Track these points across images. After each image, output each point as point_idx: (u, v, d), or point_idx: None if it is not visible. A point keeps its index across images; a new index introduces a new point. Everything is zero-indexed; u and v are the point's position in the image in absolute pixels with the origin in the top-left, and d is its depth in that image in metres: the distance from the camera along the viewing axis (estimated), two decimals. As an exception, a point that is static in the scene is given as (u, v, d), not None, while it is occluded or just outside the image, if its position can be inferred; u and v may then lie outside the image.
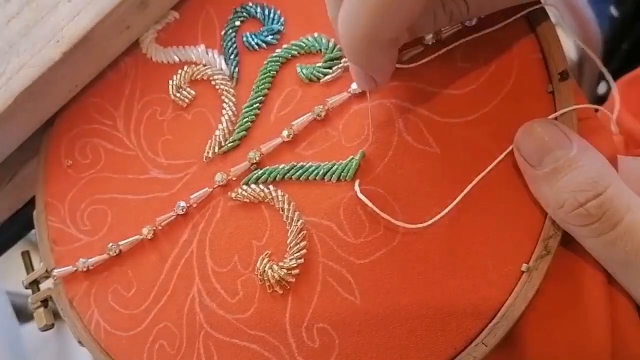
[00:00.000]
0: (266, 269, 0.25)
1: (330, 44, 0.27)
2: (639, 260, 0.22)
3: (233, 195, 0.27)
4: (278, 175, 0.26)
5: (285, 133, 0.26)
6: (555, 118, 0.24)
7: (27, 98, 0.28)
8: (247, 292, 0.26)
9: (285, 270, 0.25)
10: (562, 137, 0.22)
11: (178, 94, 0.29)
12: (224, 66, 0.29)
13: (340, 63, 0.27)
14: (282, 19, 0.28)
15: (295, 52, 0.28)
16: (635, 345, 0.23)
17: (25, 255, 0.33)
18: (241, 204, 0.27)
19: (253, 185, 0.27)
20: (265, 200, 0.26)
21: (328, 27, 0.27)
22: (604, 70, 0.25)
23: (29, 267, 0.32)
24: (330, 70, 0.27)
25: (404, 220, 0.24)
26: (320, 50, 0.27)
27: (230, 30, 0.29)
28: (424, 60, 0.25)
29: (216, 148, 0.28)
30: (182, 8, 0.30)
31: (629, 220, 0.21)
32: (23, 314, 0.57)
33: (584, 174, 0.22)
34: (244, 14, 0.29)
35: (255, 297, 0.26)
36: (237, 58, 0.28)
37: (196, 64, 0.29)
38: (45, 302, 0.31)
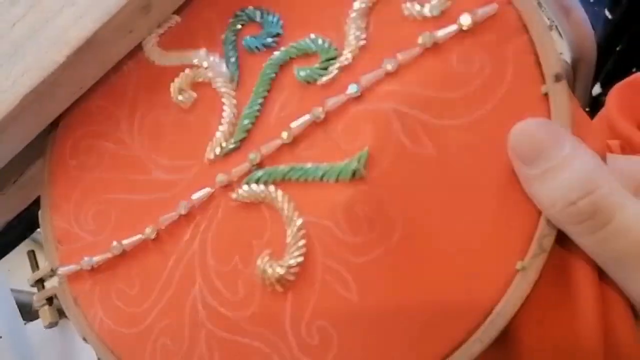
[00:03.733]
0: (266, 267, 0.26)
1: (326, 45, 0.27)
2: (631, 257, 0.22)
3: (234, 195, 0.27)
4: (278, 176, 0.27)
5: (284, 135, 0.27)
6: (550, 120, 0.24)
7: (32, 100, 0.29)
8: (248, 291, 0.26)
9: (285, 269, 0.25)
10: (556, 136, 0.23)
11: (180, 97, 0.30)
12: (224, 69, 0.29)
13: (337, 64, 0.27)
14: (280, 22, 0.29)
15: (293, 54, 0.28)
16: (627, 342, 0.24)
17: (31, 254, 0.34)
18: (242, 204, 0.27)
19: (253, 186, 0.27)
20: (266, 201, 0.27)
21: (326, 28, 0.28)
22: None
23: (34, 265, 0.33)
24: (327, 71, 0.27)
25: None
26: (317, 51, 0.27)
27: (231, 34, 0.29)
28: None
29: (217, 149, 0.28)
30: (183, 12, 0.30)
31: (622, 217, 0.22)
32: (28, 312, 0.58)
33: (576, 172, 0.22)
34: (244, 17, 0.29)
35: (256, 295, 0.26)
36: (237, 61, 0.29)
37: (197, 67, 0.29)
38: (50, 300, 0.32)
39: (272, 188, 0.27)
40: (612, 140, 0.33)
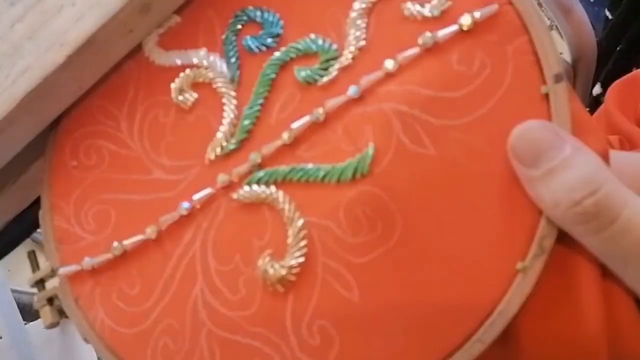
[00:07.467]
0: (267, 267, 0.26)
1: (326, 45, 0.27)
2: (637, 255, 0.22)
3: (235, 196, 0.27)
4: (279, 177, 0.27)
5: (285, 135, 0.27)
6: (551, 120, 0.24)
7: (32, 100, 0.29)
8: (249, 291, 0.26)
9: (286, 269, 0.25)
10: (555, 137, 0.23)
11: (180, 97, 0.29)
12: (225, 69, 0.29)
13: (337, 64, 0.27)
14: (281, 22, 0.29)
15: (293, 55, 0.28)
16: (633, 339, 0.24)
17: (31, 255, 0.33)
18: (243, 205, 0.27)
19: (254, 187, 0.27)
20: (267, 201, 0.27)
21: (326, 28, 0.28)
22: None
23: (35, 266, 0.33)
24: (327, 72, 0.27)
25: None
26: (317, 51, 0.27)
27: (231, 34, 0.29)
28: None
29: (218, 150, 0.28)
30: (183, 12, 0.30)
31: (627, 215, 0.22)
32: (28, 312, 0.58)
33: (578, 172, 0.22)
34: (245, 17, 0.29)
35: (257, 295, 0.26)
36: (237, 61, 0.29)
37: (198, 67, 0.29)
38: (50, 301, 0.32)
39: (273, 188, 0.27)
40: (612, 135, 0.33)
